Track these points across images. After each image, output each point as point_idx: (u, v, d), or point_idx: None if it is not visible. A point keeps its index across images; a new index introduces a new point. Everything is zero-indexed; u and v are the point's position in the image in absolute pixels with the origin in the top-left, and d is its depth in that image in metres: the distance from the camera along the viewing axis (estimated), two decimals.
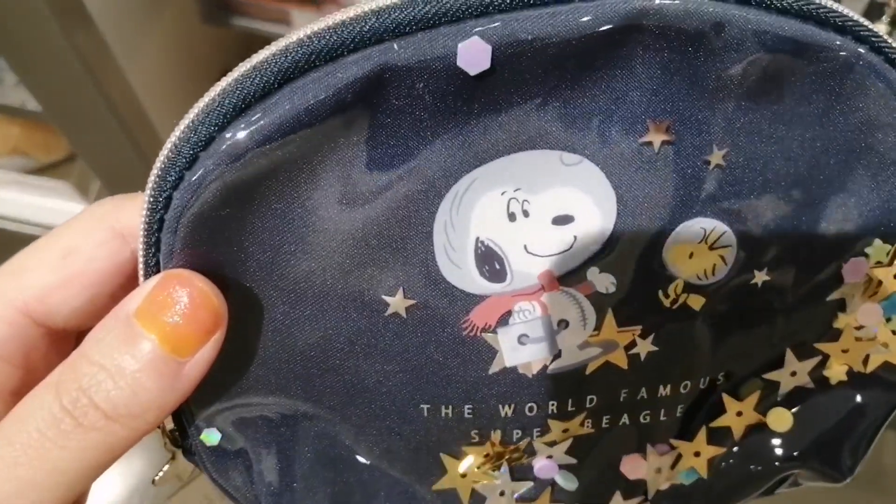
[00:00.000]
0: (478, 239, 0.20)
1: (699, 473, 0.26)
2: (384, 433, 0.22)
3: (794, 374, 0.24)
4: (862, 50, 0.19)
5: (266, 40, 0.18)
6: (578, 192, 0.20)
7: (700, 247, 0.21)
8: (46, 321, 0.21)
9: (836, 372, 0.25)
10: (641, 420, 0.24)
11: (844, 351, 0.24)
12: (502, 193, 0.20)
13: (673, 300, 0.22)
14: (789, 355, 0.24)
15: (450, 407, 0.22)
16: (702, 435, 0.25)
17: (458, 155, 0.19)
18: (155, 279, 0.18)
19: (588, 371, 0.22)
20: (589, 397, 0.23)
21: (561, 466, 0.24)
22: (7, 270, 0.21)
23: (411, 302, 0.20)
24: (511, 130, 0.19)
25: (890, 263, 0.23)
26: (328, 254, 0.19)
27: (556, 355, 0.22)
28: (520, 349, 0.22)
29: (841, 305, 0.23)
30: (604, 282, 0.21)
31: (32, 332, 0.21)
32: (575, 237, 0.21)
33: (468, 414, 0.22)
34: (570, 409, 0.23)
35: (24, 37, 0.35)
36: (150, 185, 0.19)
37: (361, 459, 0.23)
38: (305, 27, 0.18)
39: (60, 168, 0.74)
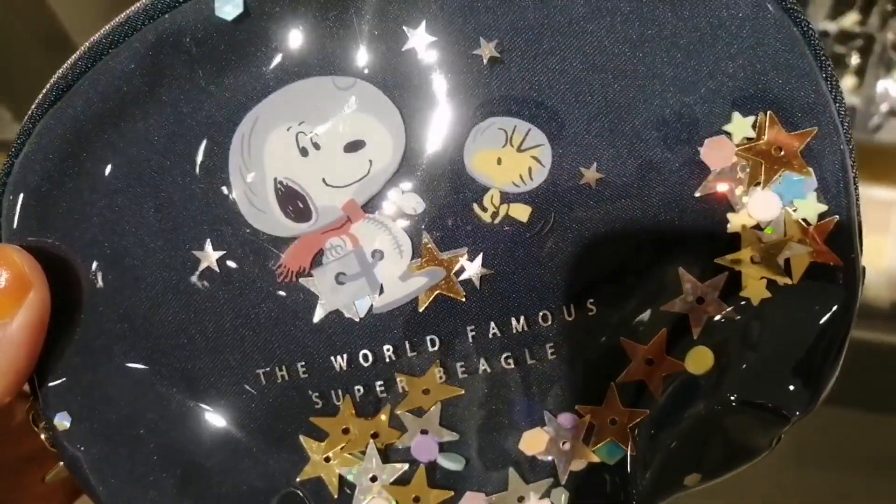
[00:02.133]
0: (276, 179, 0.21)
1: (624, 448, 0.21)
2: (233, 413, 0.22)
3: (700, 300, 0.21)
4: None
5: None
6: (362, 114, 0.21)
7: (507, 151, 0.20)
8: None
9: (756, 289, 0.21)
10: (504, 365, 0.21)
11: (755, 262, 0.20)
12: (288, 129, 0.21)
13: (493, 213, 0.20)
14: (684, 276, 0.21)
15: (283, 367, 0.21)
16: (613, 396, 0.21)
17: (233, 96, 0.20)
18: None
19: (421, 307, 0.21)
20: (429, 338, 0.21)
21: (442, 446, 0.22)
22: None
23: (221, 253, 0.21)
24: (277, 64, 0.20)
25: (760, 137, 0.20)
26: (141, 223, 0.21)
27: (379, 291, 0.21)
28: (340, 290, 0.21)
29: (727, 204, 0.20)
30: (409, 202, 0.20)
31: None
32: (370, 161, 0.21)
33: (303, 373, 0.21)
34: (409, 354, 0.21)
35: (16, 74, 0.41)
36: None
37: (212, 446, 0.22)
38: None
39: None
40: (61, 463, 0.26)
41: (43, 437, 0.23)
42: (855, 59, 0.75)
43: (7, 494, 0.26)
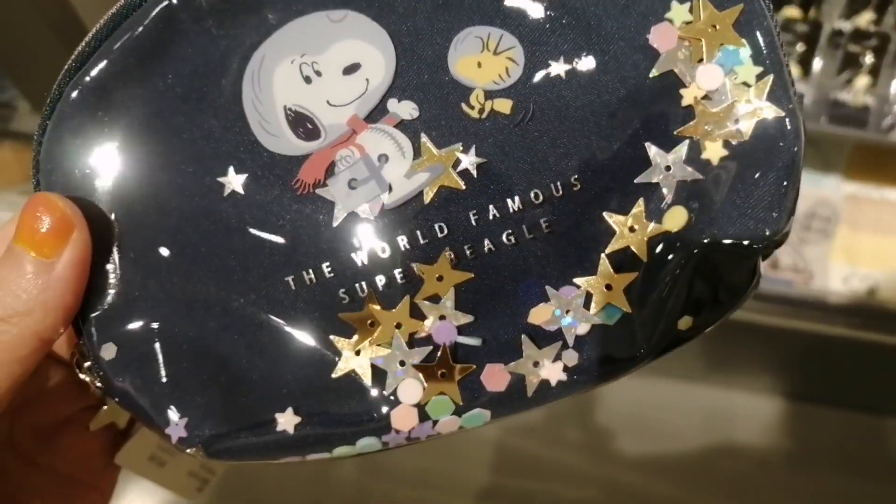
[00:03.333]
0: (285, 107, 0.24)
1: (621, 308, 0.25)
2: (269, 323, 0.25)
3: (668, 168, 0.24)
4: None
5: None
6: (355, 41, 0.24)
7: (485, 55, 0.24)
8: None
9: (714, 151, 0.25)
10: (506, 241, 0.24)
11: (709, 128, 0.24)
12: (292, 62, 0.24)
13: (480, 109, 0.24)
14: (651, 149, 0.24)
15: (310, 270, 0.24)
16: (605, 265, 0.25)
17: (242, 39, 0.24)
18: (24, 207, 0.24)
19: (427, 199, 0.24)
20: (437, 226, 0.24)
21: (460, 329, 0.25)
22: None
23: (243, 177, 0.24)
24: (277, 6, 0.24)
25: (697, 19, 0.24)
26: (167, 163, 0.24)
27: (388, 190, 0.24)
28: (353, 194, 0.24)
29: (678, 81, 0.24)
30: (405, 109, 0.24)
31: None
32: (367, 80, 0.24)
33: (329, 273, 0.24)
34: (422, 242, 0.24)
35: (32, 65, 0.43)
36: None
37: (252, 356, 0.25)
38: None
39: None
40: (105, 407, 0.28)
41: (87, 379, 0.26)
42: (869, 59, 0.78)
43: (45, 457, 0.29)
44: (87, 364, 0.25)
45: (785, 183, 0.24)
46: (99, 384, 0.25)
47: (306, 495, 0.86)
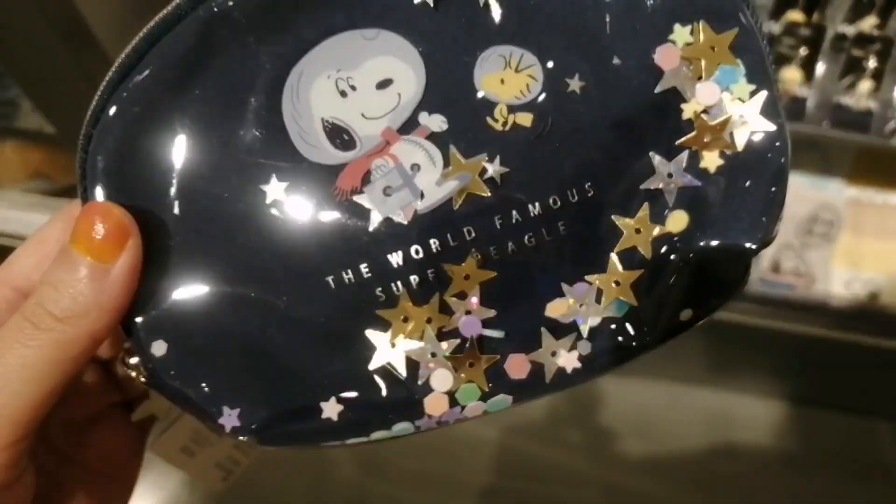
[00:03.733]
0: (322, 119, 0.27)
1: (629, 302, 0.28)
2: (311, 319, 0.27)
3: (670, 175, 0.28)
4: None
5: None
6: (388, 57, 0.27)
7: (507, 72, 0.27)
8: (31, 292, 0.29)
9: (711, 160, 0.28)
10: (527, 243, 0.27)
11: (707, 141, 0.28)
12: (328, 77, 0.27)
13: (503, 123, 0.27)
14: (655, 158, 0.28)
15: (349, 270, 0.27)
16: (613, 263, 0.28)
17: (281, 55, 0.27)
18: (80, 213, 0.26)
19: (456, 206, 0.27)
20: (465, 229, 0.27)
21: (485, 323, 0.28)
22: (2, 264, 0.29)
23: (285, 184, 0.27)
24: (314, 24, 0.27)
25: (697, 41, 0.27)
26: (212, 173, 0.27)
27: (420, 196, 0.27)
28: (388, 200, 0.27)
29: (679, 96, 0.27)
30: (435, 121, 0.27)
31: (23, 302, 0.28)
32: (399, 94, 0.27)
33: (366, 273, 0.27)
34: (452, 244, 0.27)
35: (34, 63, 0.44)
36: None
37: (296, 349, 0.28)
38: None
39: None
40: (147, 400, 0.31)
41: (133, 374, 0.28)
42: (872, 63, 0.79)
43: (74, 450, 0.31)
44: (133, 360, 0.28)
45: (773, 190, 0.27)
46: (145, 379, 0.28)
47: (306, 495, 0.89)
